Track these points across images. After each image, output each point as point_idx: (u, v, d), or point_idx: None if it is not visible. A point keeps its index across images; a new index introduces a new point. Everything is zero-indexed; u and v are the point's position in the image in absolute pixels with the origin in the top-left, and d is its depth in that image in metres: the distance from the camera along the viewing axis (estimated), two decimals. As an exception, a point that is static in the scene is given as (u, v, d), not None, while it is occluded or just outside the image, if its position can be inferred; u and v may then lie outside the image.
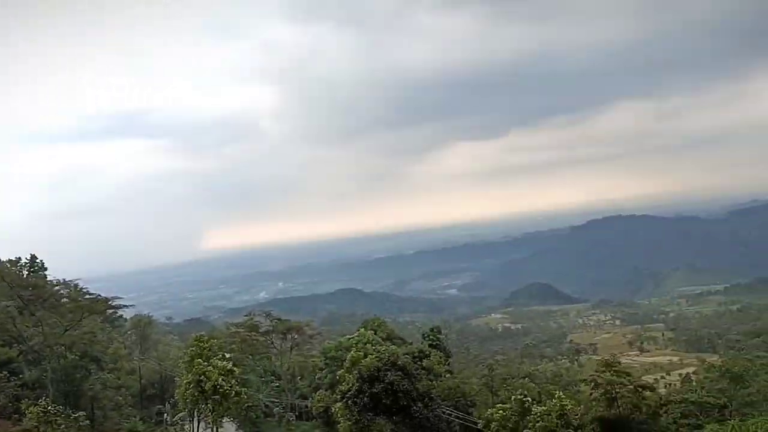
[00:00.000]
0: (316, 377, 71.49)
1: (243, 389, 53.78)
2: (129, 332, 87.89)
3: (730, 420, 15.96)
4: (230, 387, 50.82)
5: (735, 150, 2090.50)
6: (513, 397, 51.87)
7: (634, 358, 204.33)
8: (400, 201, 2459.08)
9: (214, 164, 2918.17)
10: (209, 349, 54.22)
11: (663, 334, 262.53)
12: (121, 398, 65.32)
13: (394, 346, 59.30)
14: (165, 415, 69.98)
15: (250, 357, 77.75)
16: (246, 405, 57.86)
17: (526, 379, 64.04)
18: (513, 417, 49.76)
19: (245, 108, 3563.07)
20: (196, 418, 55.43)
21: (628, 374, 49.69)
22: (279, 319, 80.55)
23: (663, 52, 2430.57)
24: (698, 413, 51.69)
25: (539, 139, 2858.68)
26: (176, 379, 65.49)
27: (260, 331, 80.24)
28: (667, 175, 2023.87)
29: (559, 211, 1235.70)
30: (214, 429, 53.53)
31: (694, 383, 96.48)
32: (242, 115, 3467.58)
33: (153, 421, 69.20)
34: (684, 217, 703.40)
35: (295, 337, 79.45)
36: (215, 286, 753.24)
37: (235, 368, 54.77)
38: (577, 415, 48.09)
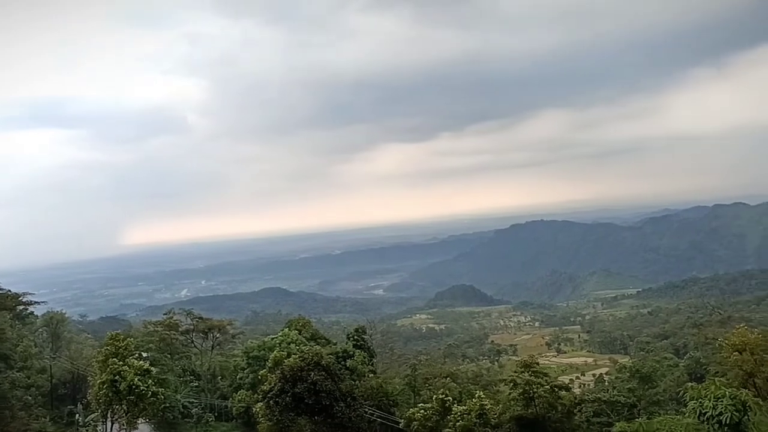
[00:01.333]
0: (238, 377, 70.13)
1: (160, 389, 52.22)
2: (40, 330, 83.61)
3: (638, 418, 16.70)
4: (146, 387, 49.26)
5: (650, 161, 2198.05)
6: (434, 396, 52.50)
7: (552, 359, 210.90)
8: (328, 200, 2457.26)
9: (135, 157, 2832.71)
10: (125, 348, 52.41)
11: (579, 336, 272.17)
12: (30, 398, 62.25)
13: (318, 346, 58.80)
14: (77, 415, 66.95)
15: (169, 356, 75.58)
16: (163, 406, 56.20)
17: (448, 378, 64.80)
18: (434, 416, 50.36)
19: (170, 101, 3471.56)
20: (109, 420, 53.32)
21: (546, 375, 51.04)
22: (200, 318, 78.53)
23: (585, 64, 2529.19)
24: (609, 412, 53.73)
25: (467, 144, 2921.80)
26: (89, 378, 62.95)
27: (180, 329, 77.99)
28: (588, 182, 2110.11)
29: (484, 214, 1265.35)
30: (128, 430, 51.72)
31: (606, 383, 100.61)
32: (167, 107, 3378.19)
33: (64, 421, 66.11)
34: (601, 224, 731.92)
35: (217, 336, 77.69)
36: (134, 283, 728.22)
37: (152, 368, 53.17)
38: (495, 414, 49.08)
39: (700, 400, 17.34)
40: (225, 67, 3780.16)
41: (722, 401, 16.80)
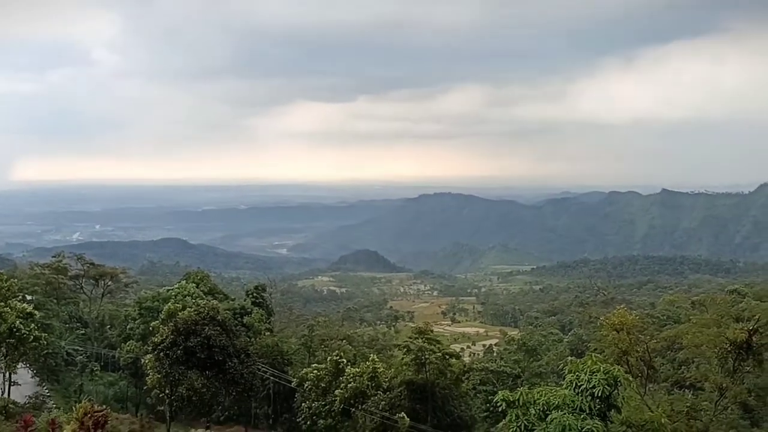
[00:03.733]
0: (128, 327, 68.11)
1: (43, 334, 50.06)
2: None
3: (520, 388, 17.61)
4: (28, 331, 47.10)
5: (557, 144, 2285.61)
6: (329, 358, 53.02)
7: (446, 328, 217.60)
8: (239, 154, 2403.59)
9: (33, 88, 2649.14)
10: (8, 289, 50.00)
11: (474, 307, 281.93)
12: None
13: (215, 301, 57.82)
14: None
15: (55, 301, 72.46)
16: (45, 351, 54.15)
17: (344, 341, 65.59)
18: (327, 377, 50.92)
19: (77, 32, 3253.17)
20: (-14, 363, 50.62)
21: (439, 342, 52.48)
22: (92, 264, 75.41)
23: (506, 42, 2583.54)
24: (495, 381, 56.28)
25: (384, 110, 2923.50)
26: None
27: (69, 274, 74.68)
28: (497, 159, 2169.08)
29: (395, 182, 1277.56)
30: (7, 375, 49.35)
31: (495, 354, 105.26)
32: (72, 39, 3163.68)
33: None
34: (505, 201, 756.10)
35: (109, 284, 75.00)
36: (22, 221, 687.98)
37: (35, 312, 50.82)
38: (387, 377, 50.19)
39: (577, 373, 18.35)
40: (139, 4, 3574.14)
41: (597, 375, 17.84)
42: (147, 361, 49.92)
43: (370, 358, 52.76)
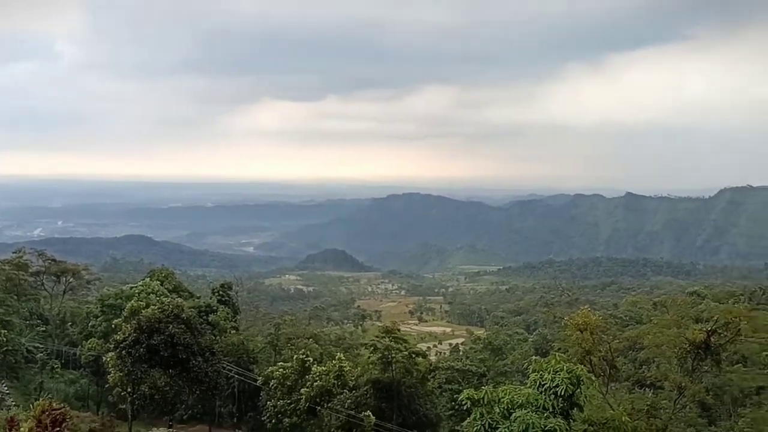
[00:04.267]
0: (90, 324, 66.88)
1: (2, 331, 48.91)
2: None
3: (485, 387, 17.81)
4: (-14, 328, 45.83)
5: (524, 146, 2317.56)
6: (295, 356, 52.80)
7: (413, 327, 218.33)
8: (206, 151, 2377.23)
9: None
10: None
11: (441, 307, 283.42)
12: None
13: (180, 299, 57.12)
14: None
15: (15, 298, 70.66)
16: (5, 348, 52.90)
17: (311, 339, 65.37)
18: (293, 375, 50.72)
19: (39, 26, 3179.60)
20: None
21: (405, 341, 52.65)
22: (53, 260, 73.63)
23: (475, 44, 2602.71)
24: (460, 380, 56.70)
25: (353, 109, 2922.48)
26: None
27: (30, 270, 72.82)
28: (466, 160, 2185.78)
29: (364, 182, 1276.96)
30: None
31: (461, 353, 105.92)
32: (34, 32, 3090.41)
33: None
34: (473, 202, 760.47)
35: (71, 280, 73.28)
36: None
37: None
38: (353, 376, 50.20)
39: (541, 372, 18.58)
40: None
41: (560, 375, 18.09)
42: (109, 359, 49.13)
43: (337, 357, 52.71)
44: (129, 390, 48.24)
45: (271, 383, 51.10)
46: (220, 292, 69.84)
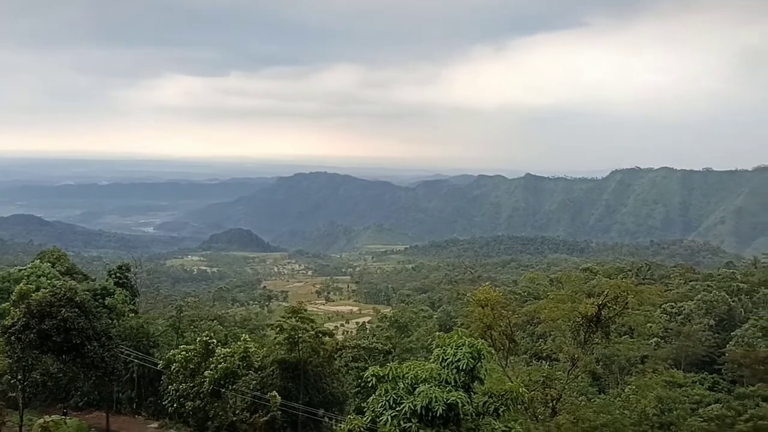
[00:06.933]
0: (-27, 311, 62.41)
1: None
2: None
3: (390, 363, 18.15)
4: None
5: (430, 127, 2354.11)
6: (198, 338, 51.61)
7: (320, 307, 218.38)
8: (101, 127, 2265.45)
9: None
10: None
11: (348, 286, 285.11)
12: None
13: (73, 282, 54.30)
14: None
15: None
16: None
17: (215, 321, 64.14)
18: (196, 358, 49.58)
19: None
20: None
21: (312, 321, 52.59)
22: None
23: (382, 23, 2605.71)
24: (367, 357, 57.20)
25: (258, 86, 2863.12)
26: None
27: None
28: (373, 139, 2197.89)
29: (270, 160, 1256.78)
30: None
31: (367, 331, 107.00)
32: None
33: None
34: (380, 182, 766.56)
35: (-50, 263, 68.12)
36: None
37: None
38: (259, 357, 49.71)
39: (444, 348, 18.98)
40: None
41: (462, 349, 18.55)
42: (-4, 346, 46.27)
43: (242, 338, 51.97)
44: (19, 377, 46.14)
45: (173, 367, 49.74)
46: (117, 274, 66.94)
